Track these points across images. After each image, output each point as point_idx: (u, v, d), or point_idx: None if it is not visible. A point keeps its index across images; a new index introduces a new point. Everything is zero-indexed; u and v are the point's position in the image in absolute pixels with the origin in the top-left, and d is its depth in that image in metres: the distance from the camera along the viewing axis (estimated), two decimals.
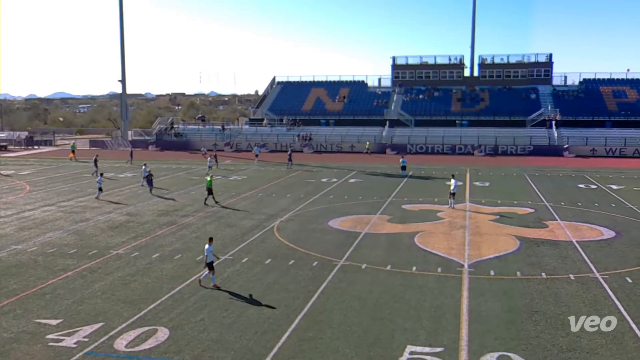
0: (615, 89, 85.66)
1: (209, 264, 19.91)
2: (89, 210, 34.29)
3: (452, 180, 35.35)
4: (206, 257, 19.88)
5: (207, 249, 19.92)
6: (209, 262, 19.87)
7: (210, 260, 19.87)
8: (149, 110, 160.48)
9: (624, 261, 23.18)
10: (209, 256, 19.84)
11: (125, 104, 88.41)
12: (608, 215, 32.68)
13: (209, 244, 20.17)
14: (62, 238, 27.35)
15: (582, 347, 15.07)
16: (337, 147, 75.81)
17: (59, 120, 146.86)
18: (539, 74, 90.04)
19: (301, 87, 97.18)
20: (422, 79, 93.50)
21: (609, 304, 18.23)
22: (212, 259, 19.97)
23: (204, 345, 15.21)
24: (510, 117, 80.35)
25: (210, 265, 19.93)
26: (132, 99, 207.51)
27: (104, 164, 56.61)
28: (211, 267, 19.97)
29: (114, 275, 21.36)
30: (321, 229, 29.21)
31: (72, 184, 45.24)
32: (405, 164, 50.97)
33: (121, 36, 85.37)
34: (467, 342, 15.38)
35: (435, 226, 29.82)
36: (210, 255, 19.85)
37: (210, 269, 19.98)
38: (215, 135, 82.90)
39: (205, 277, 20.24)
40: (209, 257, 19.85)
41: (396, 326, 16.47)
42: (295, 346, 15.20)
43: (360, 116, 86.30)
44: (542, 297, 18.89)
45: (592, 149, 70.12)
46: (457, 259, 23.52)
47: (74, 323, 16.74)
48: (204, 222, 30.62)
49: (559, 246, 25.65)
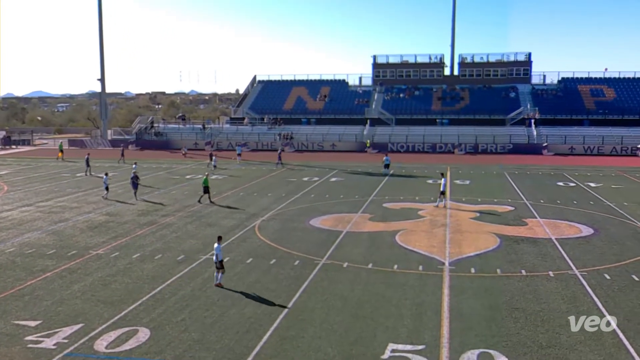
0: (593, 88, 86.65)
1: (219, 263, 19.78)
2: (68, 210, 33.96)
3: (442, 179, 35.57)
4: (216, 256, 19.73)
5: (216, 248, 19.77)
6: (218, 260, 19.72)
7: (220, 259, 19.74)
8: (128, 109, 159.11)
9: (602, 258, 23.45)
10: (218, 255, 19.69)
11: (105, 103, 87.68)
12: (586, 212, 33.04)
13: (218, 242, 20.02)
14: (41, 238, 27.06)
15: (561, 343, 15.22)
16: (319, 146, 75.85)
17: (37, 119, 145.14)
18: (518, 73, 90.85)
19: (282, 86, 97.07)
20: (403, 78, 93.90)
21: (588, 301, 18.44)
22: (222, 258, 19.83)
23: (185, 346, 15.14)
24: (490, 115, 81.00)
25: (220, 264, 19.80)
26: (112, 97, 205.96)
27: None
28: (221, 266, 19.85)
29: (93, 276, 21.18)
30: (302, 227, 29.20)
31: (50, 184, 44.78)
32: (389, 162, 51.25)
33: (100, 34, 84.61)
34: (448, 339, 15.46)
35: (417, 224, 29.95)
36: (220, 254, 19.71)
37: (219, 268, 19.86)
38: (196, 135, 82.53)
39: (221, 277, 20.04)
40: (219, 256, 19.70)
41: (378, 324, 16.52)
42: (277, 345, 15.18)
43: (341, 115, 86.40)
44: (522, 294, 19.06)
45: (570, 147, 70.85)
46: (438, 257, 23.64)
47: (53, 324, 16.57)
48: (184, 222, 30.46)
49: (539, 243, 25.89)
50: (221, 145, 77.95)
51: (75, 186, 43.61)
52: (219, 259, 19.74)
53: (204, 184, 36.16)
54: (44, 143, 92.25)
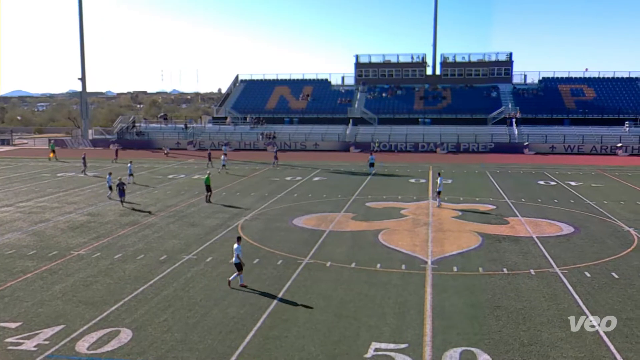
0: (573, 88, 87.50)
1: (237, 264, 19.64)
2: (49, 210, 33.64)
3: (439, 179, 35.73)
4: (236, 256, 19.58)
5: (236, 249, 19.63)
6: (237, 262, 19.60)
7: (237, 261, 19.59)
8: (109, 109, 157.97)
9: (582, 256, 23.69)
10: (239, 255, 19.57)
11: (86, 103, 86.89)
12: (567, 211, 33.35)
13: (237, 243, 19.86)
14: (21, 239, 26.78)
15: (542, 340, 15.36)
16: (301, 146, 75.80)
17: (17, 119, 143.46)
18: (500, 73, 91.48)
19: (264, 85, 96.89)
20: (385, 78, 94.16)
21: (569, 298, 18.62)
22: (240, 260, 19.69)
23: (168, 346, 15.07)
24: (472, 115, 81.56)
25: (239, 265, 19.66)
26: (93, 97, 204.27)
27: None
28: (239, 267, 19.69)
29: (75, 277, 21.00)
30: (285, 227, 29.17)
31: (31, 184, 44.32)
32: (373, 161, 51.56)
33: (81, 33, 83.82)
34: (430, 337, 15.54)
35: (399, 223, 30.05)
36: (240, 255, 19.59)
37: (238, 269, 19.70)
38: (178, 134, 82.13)
39: (234, 278, 19.87)
40: (239, 257, 19.60)
41: (361, 323, 16.55)
42: (260, 345, 15.16)
43: (324, 114, 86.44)
44: (503, 292, 19.20)
45: (551, 146, 71.47)
46: (420, 255, 23.74)
47: (34, 326, 16.41)
48: (167, 222, 30.30)
49: (520, 242, 26.09)
50: (204, 145, 77.64)
51: (56, 186, 43.21)
52: (237, 261, 19.57)
53: (206, 182, 36.13)
54: (24, 143, 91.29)
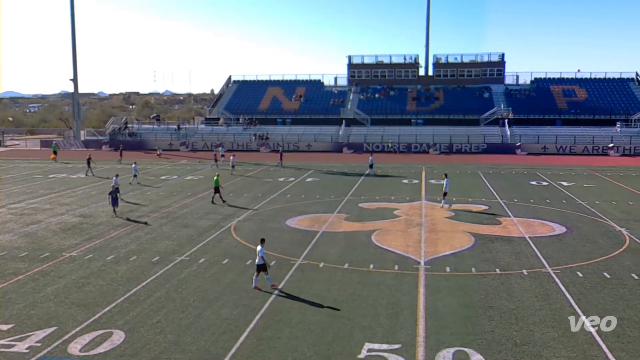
0: (565, 88, 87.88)
1: (260, 266, 19.44)
2: (41, 212, 33.50)
3: (445, 180, 35.43)
4: (261, 258, 19.40)
5: (260, 251, 19.45)
6: (259, 263, 19.40)
7: (261, 262, 19.40)
8: (102, 110, 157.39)
9: (574, 256, 23.78)
10: (263, 257, 19.39)
11: (78, 103, 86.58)
12: (559, 211, 33.47)
13: (261, 245, 19.68)
14: (13, 241, 26.66)
15: (535, 340, 15.40)
16: (294, 146, 75.75)
17: (9, 120, 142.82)
18: (492, 73, 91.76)
19: (257, 86, 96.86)
20: (378, 78, 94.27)
21: (561, 298, 18.68)
22: (264, 262, 19.52)
23: (160, 348, 15.02)
24: (465, 115, 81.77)
25: (263, 266, 19.45)
26: (85, 98, 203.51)
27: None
28: (264, 269, 19.50)
29: (67, 278, 20.92)
30: (279, 228, 29.15)
31: (22, 186, 44.12)
32: (372, 162, 51.80)
33: (72, 34, 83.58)
34: (424, 338, 15.56)
35: (392, 224, 30.08)
36: (264, 256, 19.42)
37: (263, 270, 19.50)
38: (171, 135, 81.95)
39: (257, 280, 19.71)
40: (263, 259, 19.42)
41: (354, 324, 16.56)
42: (254, 346, 15.14)
43: (317, 115, 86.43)
44: (496, 293, 19.25)
45: (543, 146, 71.70)
46: (413, 256, 23.77)
47: (25, 328, 16.34)
48: (159, 223, 30.22)
49: (513, 242, 26.16)
50: (196, 146, 77.52)
51: (48, 187, 43.03)
52: (260, 262, 19.39)
53: (215, 183, 36.10)
54: (16, 144, 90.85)
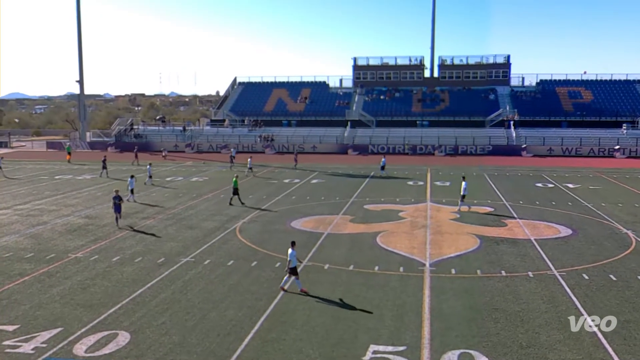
0: (571, 90, 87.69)
1: (292, 269, 19.31)
2: (47, 213, 33.59)
3: (463, 183, 34.78)
4: (289, 261, 19.26)
5: (291, 254, 19.28)
6: (292, 267, 19.27)
7: (293, 265, 19.28)
8: (107, 111, 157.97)
9: (580, 258, 23.71)
10: (292, 261, 19.23)
11: (83, 105, 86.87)
12: (565, 213, 33.37)
13: (292, 248, 19.56)
14: (19, 242, 26.74)
15: (540, 343, 15.36)
16: (299, 148, 75.74)
17: (15, 121, 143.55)
18: (498, 75, 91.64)
19: (263, 87, 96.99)
20: (383, 80, 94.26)
21: (567, 301, 18.62)
22: (296, 264, 19.42)
23: (166, 349, 15.04)
24: (470, 117, 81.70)
25: (294, 270, 19.34)
26: (90, 99, 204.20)
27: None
28: (295, 272, 19.35)
29: (72, 280, 20.97)
30: (284, 229, 29.15)
31: (28, 187, 44.26)
32: (384, 164, 51.69)
33: (78, 36, 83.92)
34: (429, 340, 15.53)
35: (397, 226, 30.04)
36: (294, 259, 19.26)
37: (294, 274, 19.35)
38: (176, 137, 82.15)
39: (285, 282, 19.63)
40: (293, 262, 19.25)
41: (359, 326, 16.54)
42: (259, 348, 15.14)
43: (322, 117, 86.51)
44: (501, 295, 19.20)
45: (549, 148, 71.58)
46: (418, 258, 23.74)
47: (31, 329, 16.37)
48: (165, 224, 30.27)
49: (518, 244, 26.10)
50: (202, 147, 77.66)
51: (54, 189, 43.15)
52: (293, 265, 19.28)
53: (234, 185, 36.14)
54: (22, 145, 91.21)
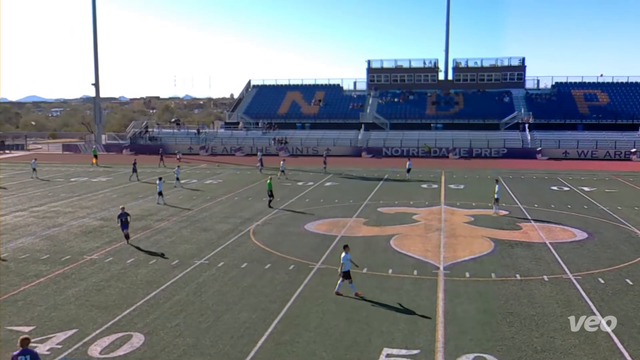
0: (586, 92, 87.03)
1: (345, 273, 19.20)
2: (62, 215, 33.84)
3: (496, 186, 34.55)
4: (342, 265, 19.16)
5: (344, 257, 19.17)
6: (345, 270, 19.16)
7: (347, 269, 19.17)
8: (123, 114, 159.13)
9: (596, 262, 23.51)
10: (345, 264, 19.14)
11: (99, 108, 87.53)
12: (580, 216, 33.12)
13: (346, 252, 19.33)
14: (35, 243, 26.96)
15: (556, 347, 15.24)
16: (313, 151, 75.83)
17: (31, 124, 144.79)
18: (512, 78, 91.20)
19: (277, 90, 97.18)
20: (397, 83, 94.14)
21: (582, 305, 18.47)
22: (349, 267, 19.31)
23: (179, 351, 15.09)
24: (484, 120, 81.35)
25: (347, 274, 19.22)
26: (106, 102, 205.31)
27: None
28: (348, 276, 19.25)
29: (88, 281, 21.10)
30: (297, 232, 29.17)
31: (44, 189, 44.63)
32: (410, 166, 51.32)
33: (94, 39, 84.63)
34: (443, 343, 15.46)
35: (411, 229, 29.96)
36: (347, 263, 19.17)
37: (347, 278, 19.25)
38: (191, 139, 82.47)
39: (339, 287, 19.47)
40: (346, 266, 19.16)
41: (372, 329, 16.50)
42: (272, 350, 15.15)
43: (336, 119, 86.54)
44: (516, 299, 19.08)
45: (564, 151, 71.10)
46: (432, 261, 23.65)
47: (47, 330, 16.49)
48: (179, 227, 30.39)
49: (533, 248, 25.93)
50: (216, 150, 77.95)
51: (70, 191, 43.48)
52: (346, 269, 19.17)
53: (269, 187, 36.30)
54: (38, 148, 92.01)
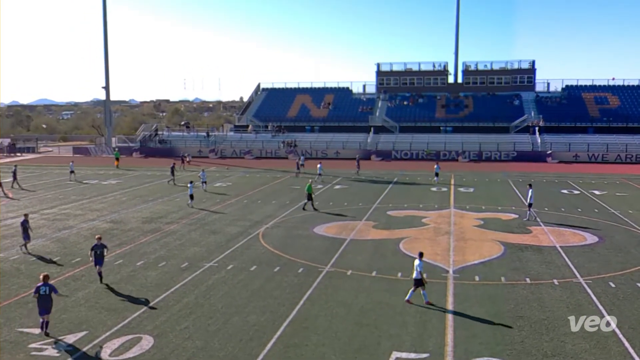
0: (597, 95, 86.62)
1: (417, 281, 18.86)
2: (72, 217, 34.00)
3: (529, 190, 33.47)
4: (419, 273, 18.77)
5: (418, 265, 18.83)
6: (416, 278, 18.85)
7: (417, 277, 18.81)
8: (133, 117, 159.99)
9: (607, 266, 23.37)
10: (421, 272, 18.83)
11: (109, 111, 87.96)
12: (591, 220, 32.93)
13: (419, 259, 18.95)
14: (45, 246, 27.10)
15: (566, 351, 15.15)
16: (322, 154, 75.82)
17: (42, 127, 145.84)
18: (522, 81, 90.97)
19: (286, 93, 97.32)
20: (407, 86, 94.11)
21: (593, 309, 18.35)
22: (419, 275, 18.81)
23: (188, 353, 15.11)
24: (494, 123, 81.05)
25: (419, 281, 18.84)
26: (116, 105, 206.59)
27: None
28: (420, 283, 18.90)
29: (97, 283, 21.16)
30: (306, 235, 29.17)
31: (55, 191, 44.86)
32: (439, 170, 50.21)
33: (105, 42, 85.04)
34: (452, 347, 15.41)
35: (420, 232, 29.89)
36: (419, 269, 18.84)
37: (420, 285, 18.91)
38: (200, 142, 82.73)
39: (412, 295, 19.10)
40: (416, 273, 18.84)
41: (382, 332, 16.47)
42: (281, 353, 15.14)
43: (345, 122, 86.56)
44: (526, 302, 18.99)
45: (574, 154, 70.76)
46: (442, 264, 23.58)
47: (57, 332, 16.55)
48: (188, 229, 30.47)
49: (543, 251, 25.81)
50: (225, 152, 78.14)
51: (80, 193, 43.69)
52: (416, 277, 18.83)
53: (308, 190, 36.45)
54: (49, 151, 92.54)
